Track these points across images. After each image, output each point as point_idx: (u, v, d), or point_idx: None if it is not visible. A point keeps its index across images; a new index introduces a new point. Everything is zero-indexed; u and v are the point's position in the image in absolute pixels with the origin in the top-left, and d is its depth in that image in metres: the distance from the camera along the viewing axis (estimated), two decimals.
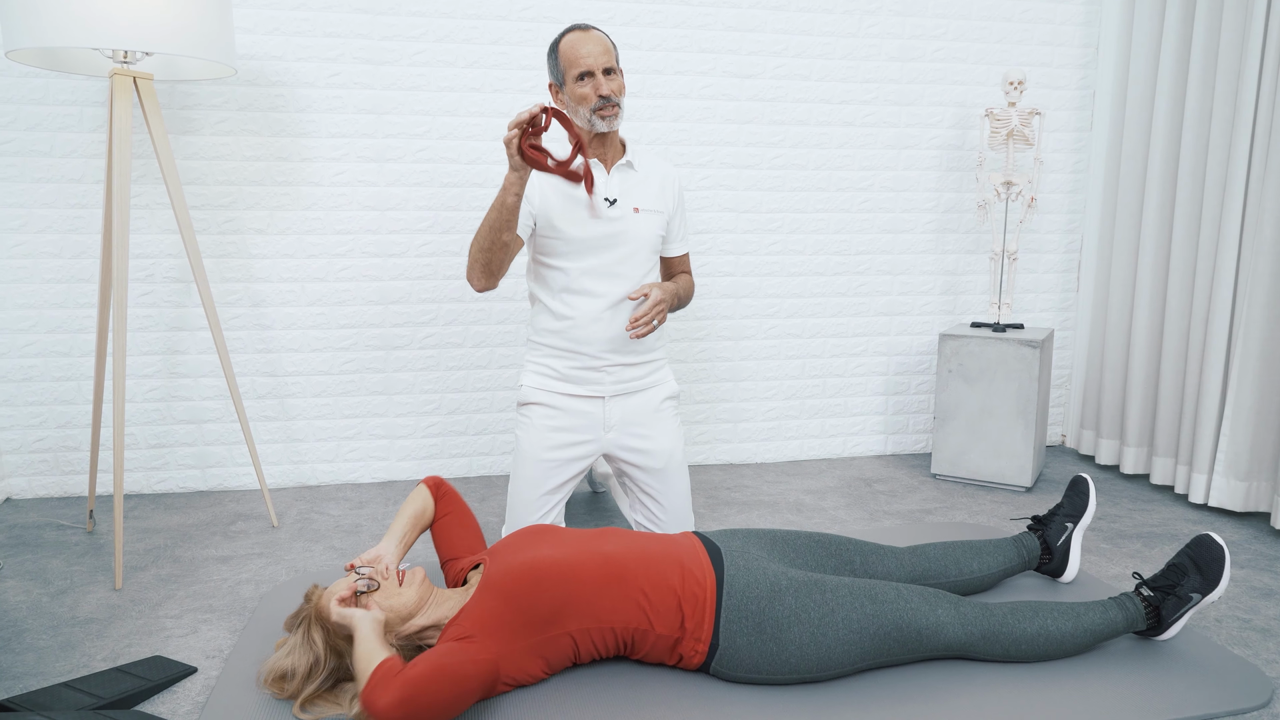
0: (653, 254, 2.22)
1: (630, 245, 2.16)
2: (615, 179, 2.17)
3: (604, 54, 2.07)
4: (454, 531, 1.92)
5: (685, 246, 2.35)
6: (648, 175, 2.22)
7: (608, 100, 2.07)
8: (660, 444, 2.23)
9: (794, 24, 3.07)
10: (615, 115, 2.10)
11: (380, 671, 1.41)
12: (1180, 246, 2.86)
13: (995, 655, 1.72)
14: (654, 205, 2.20)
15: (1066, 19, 3.25)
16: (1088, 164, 3.35)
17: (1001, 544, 2.06)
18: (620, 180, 2.17)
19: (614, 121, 2.10)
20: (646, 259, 2.20)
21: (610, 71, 2.09)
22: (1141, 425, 3.02)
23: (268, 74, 2.75)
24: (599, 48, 2.07)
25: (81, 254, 2.73)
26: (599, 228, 2.13)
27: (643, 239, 2.18)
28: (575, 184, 2.08)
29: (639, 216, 2.17)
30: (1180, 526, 2.61)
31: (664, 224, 2.23)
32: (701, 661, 1.66)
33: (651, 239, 2.20)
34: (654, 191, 2.21)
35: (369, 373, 2.96)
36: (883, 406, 3.37)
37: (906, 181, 3.24)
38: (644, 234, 2.18)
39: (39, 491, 2.82)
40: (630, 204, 2.16)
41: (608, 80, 2.08)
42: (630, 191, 2.17)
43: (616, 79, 2.10)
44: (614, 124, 2.10)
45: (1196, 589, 1.77)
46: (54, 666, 1.77)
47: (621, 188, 2.17)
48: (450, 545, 1.90)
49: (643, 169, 2.22)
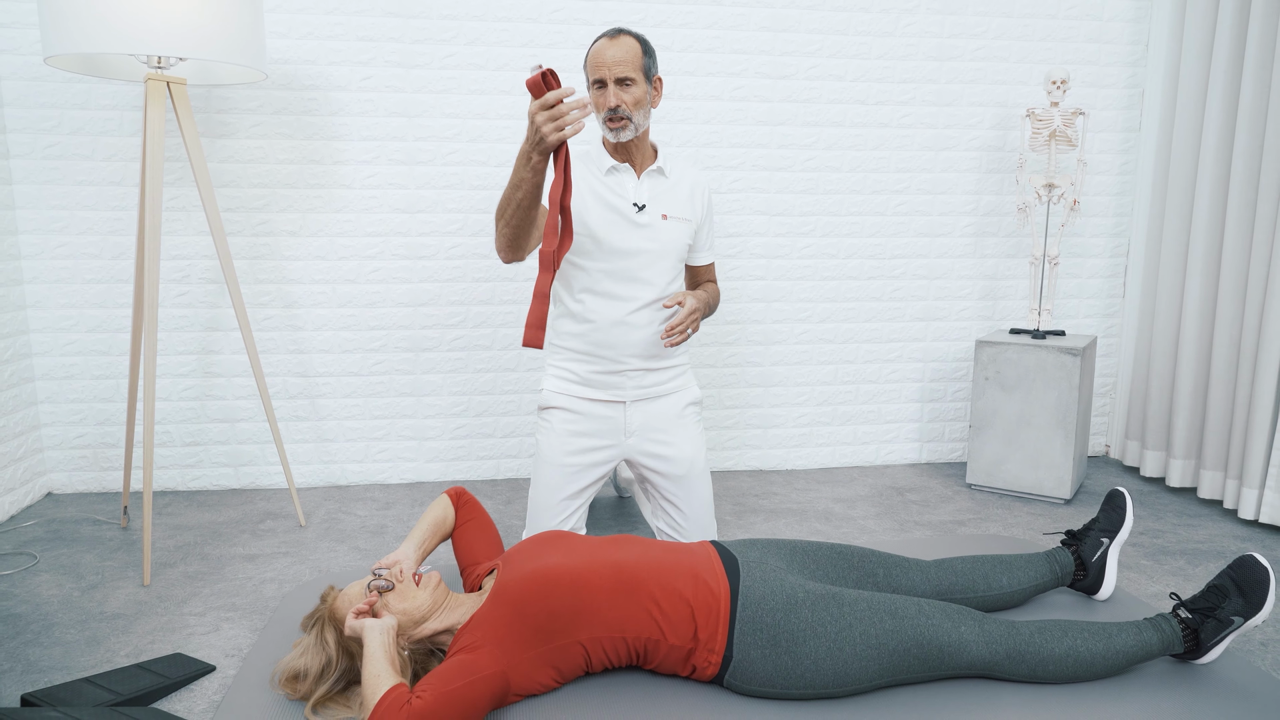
0: (678, 261, 2.19)
1: (655, 251, 2.14)
2: (645, 184, 2.15)
3: (619, 64, 2.02)
4: (473, 538, 1.91)
5: (712, 256, 2.33)
6: (678, 182, 2.19)
7: (614, 112, 2.03)
8: (682, 451, 2.20)
9: (829, 23, 3.01)
10: (623, 128, 2.06)
11: (386, 702, 1.39)
12: (1232, 252, 2.75)
13: (1021, 676, 1.66)
14: (682, 213, 2.18)
15: (1114, 15, 3.14)
16: (1135, 165, 3.23)
17: (1034, 559, 1.99)
18: (650, 186, 2.15)
19: (621, 134, 2.07)
20: (671, 266, 2.17)
21: (626, 82, 2.04)
22: (1189, 437, 2.91)
23: (301, 78, 2.79)
24: (617, 56, 2.03)
25: (121, 255, 2.79)
26: (625, 231, 2.11)
27: (668, 246, 2.15)
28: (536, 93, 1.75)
29: (666, 223, 2.15)
30: (1228, 543, 2.50)
31: (691, 232, 2.20)
32: (715, 673, 1.63)
33: (677, 246, 2.17)
34: (683, 199, 2.19)
35: (398, 374, 2.98)
36: (918, 414, 3.29)
37: (944, 184, 3.17)
38: (670, 241, 2.15)
39: (78, 487, 2.89)
40: (659, 210, 2.14)
41: (619, 90, 2.03)
42: (660, 198, 2.15)
43: (633, 90, 2.04)
44: (621, 136, 2.07)
45: (1238, 612, 1.68)
46: (79, 661, 1.80)
47: (651, 193, 2.15)
48: (469, 552, 1.90)
49: (674, 175, 2.19)
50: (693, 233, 2.21)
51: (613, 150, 2.15)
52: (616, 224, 2.11)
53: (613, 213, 2.11)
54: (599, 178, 2.14)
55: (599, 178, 2.14)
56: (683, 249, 2.19)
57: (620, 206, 2.12)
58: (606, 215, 2.11)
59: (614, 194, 2.13)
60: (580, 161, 2.15)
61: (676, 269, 2.20)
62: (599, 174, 2.15)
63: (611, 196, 2.12)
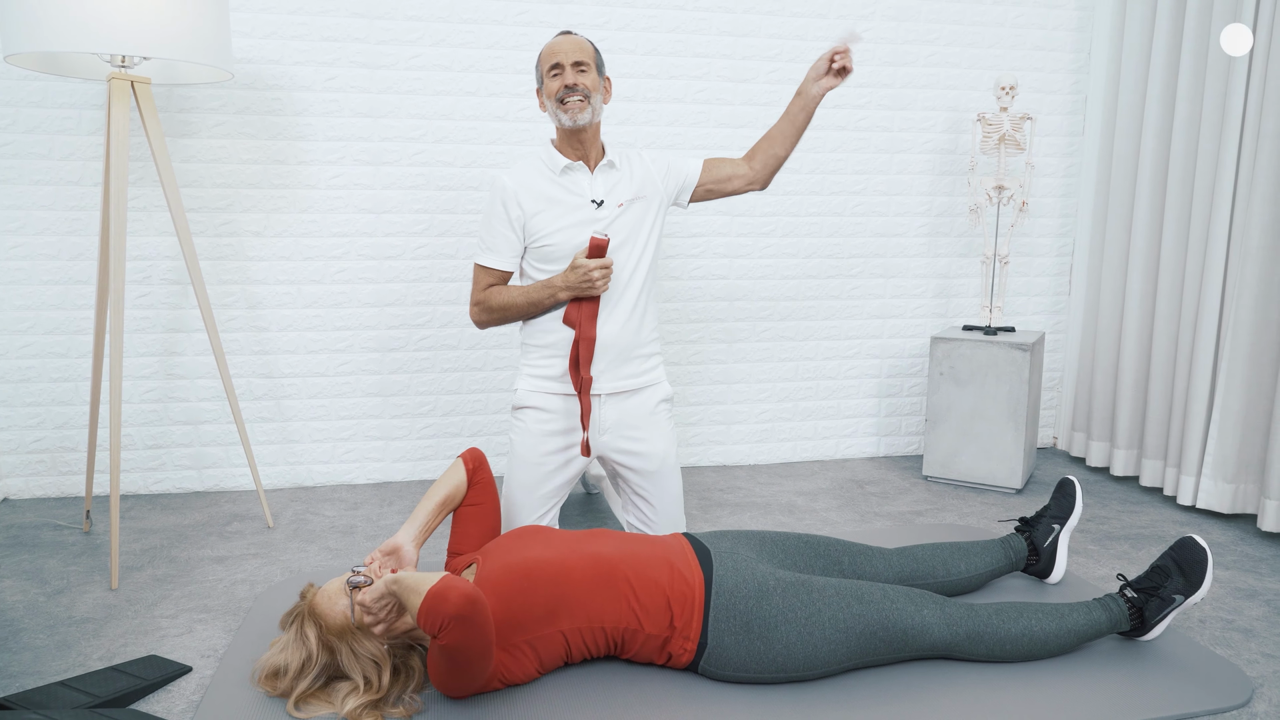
0: (645, 241, 2.22)
1: (617, 238, 2.19)
2: (599, 180, 2.20)
3: (576, 50, 2.12)
4: (474, 527, 1.91)
5: (697, 161, 2.34)
6: (629, 171, 2.25)
7: (571, 89, 2.09)
8: (654, 446, 2.24)
9: (788, 29, 3.09)
10: (582, 108, 2.10)
11: (448, 578, 1.45)
12: (1170, 251, 2.89)
13: (980, 655, 1.74)
14: (641, 191, 2.22)
15: (1059, 24, 3.27)
16: (1079, 169, 3.37)
17: (989, 545, 2.08)
18: (604, 180, 2.21)
19: (579, 115, 2.10)
20: (637, 249, 2.20)
21: (581, 66, 2.11)
22: (1131, 428, 3.05)
23: (265, 78, 2.77)
24: (572, 45, 2.12)
25: (79, 256, 2.75)
26: (587, 229, 2.15)
27: (630, 229, 2.20)
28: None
29: (623, 210, 2.20)
30: (1168, 528, 2.63)
31: (653, 205, 2.23)
32: (690, 660, 1.68)
33: (639, 227, 2.21)
34: (637, 182, 2.24)
35: (365, 374, 2.98)
36: (875, 409, 3.39)
37: (899, 185, 3.27)
38: (634, 227, 2.20)
39: (35, 492, 2.84)
40: (615, 201, 2.20)
41: (575, 72, 2.10)
42: (614, 189, 2.21)
43: (589, 74, 2.12)
44: (579, 118, 2.10)
45: (1179, 591, 1.79)
46: (50, 666, 1.79)
47: (605, 187, 2.20)
48: (464, 539, 1.90)
49: (623, 166, 2.25)
50: (655, 202, 2.24)
51: (566, 148, 2.19)
52: (578, 224, 2.15)
53: (574, 212, 2.15)
54: (554, 179, 2.18)
55: (554, 179, 2.18)
56: (646, 228, 2.22)
57: (578, 205, 2.16)
58: (568, 216, 2.15)
59: (571, 194, 2.17)
60: (530, 170, 2.19)
61: (643, 249, 2.22)
62: (554, 175, 2.18)
63: (568, 197, 2.16)
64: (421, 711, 1.59)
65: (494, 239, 2.19)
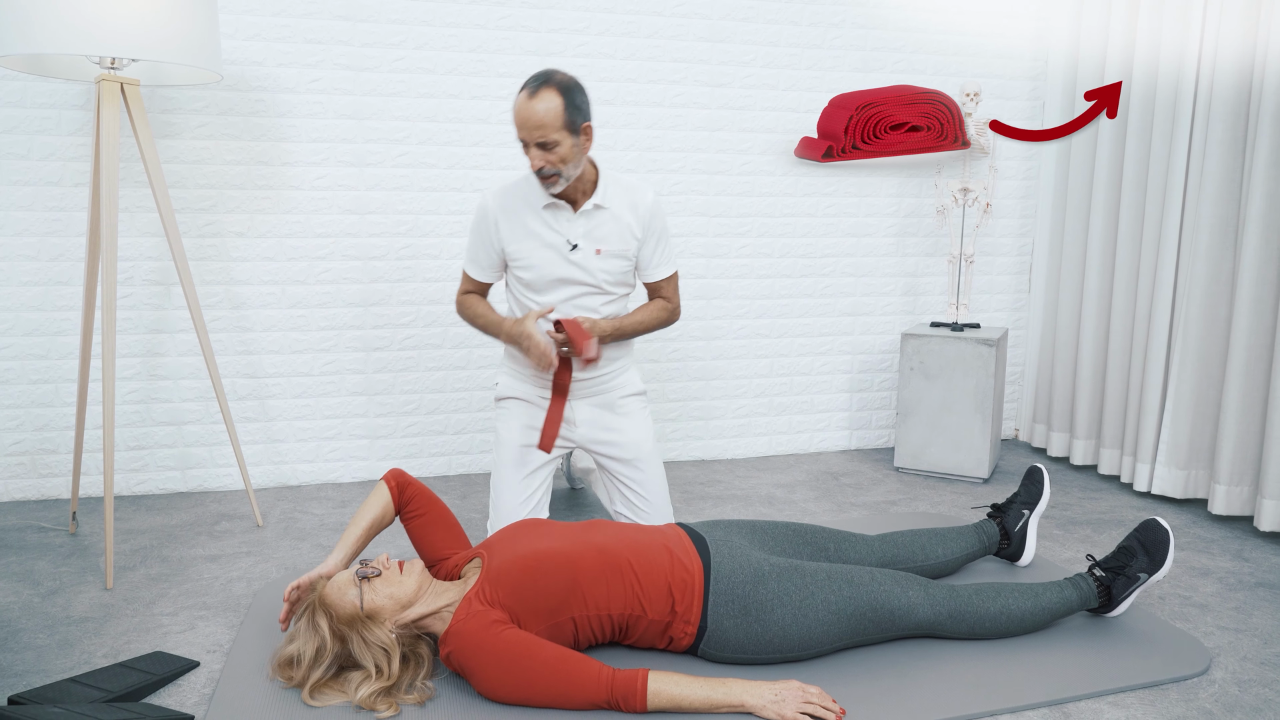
0: (615, 288, 2.24)
1: (588, 285, 2.19)
2: (581, 222, 2.18)
3: (539, 129, 2.00)
4: (437, 533, 1.93)
5: (664, 271, 2.30)
6: (617, 213, 2.20)
7: (540, 173, 2.06)
8: (628, 435, 2.30)
9: (762, 35, 3.18)
10: (553, 183, 2.08)
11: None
12: (1124, 251, 3.04)
13: (961, 633, 1.85)
14: (617, 247, 2.20)
15: (1018, 33, 3.42)
16: (1038, 171, 3.52)
17: (964, 531, 2.20)
18: (586, 222, 2.18)
19: (552, 188, 2.10)
20: (606, 296, 2.23)
21: (547, 145, 2.02)
22: (1090, 419, 3.20)
23: (249, 79, 2.79)
24: (537, 119, 2.00)
25: (59, 257, 2.74)
26: (559, 269, 2.17)
27: (600, 279, 2.20)
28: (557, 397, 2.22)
29: (600, 259, 2.19)
30: (1126, 513, 2.78)
31: (628, 260, 2.23)
32: (690, 643, 1.76)
33: (611, 278, 2.21)
34: (620, 230, 2.20)
35: (349, 374, 3.01)
36: (847, 403, 3.51)
37: (869, 187, 3.38)
38: (602, 275, 2.20)
39: (15, 495, 2.81)
40: (593, 246, 2.18)
41: (541, 153, 2.03)
42: (595, 231, 2.18)
43: (558, 150, 2.03)
44: (552, 190, 2.10)
45: (1144, 569, 1.91)
46: (55, 664, 1.80)
47: (587, 228, 2.18)
48: (435, 547, 1.92)
49: (613, 205, 2.19)
50: (630, 259, 2.23)
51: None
52: (553, 261, 2.17)
53: (550, 250, 2.17)
54: (537, 213, 2.17)
55: (537, 213, 2.17)
56: (618, 278, 2.23)
57: (556, 244, 2.17)
58: (544, 253, 2.17)
59: (551, 230, 2.17)
60: (515, 195, 2.20)
61: (613, 295, 2.25)
62: (537, 209, 2.17)
63: (548, 234, 2.17)
64: (434, 698, 1.64)
65: (475, 253, 2.26)
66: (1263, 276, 2.55)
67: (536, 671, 1.57)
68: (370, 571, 1.69)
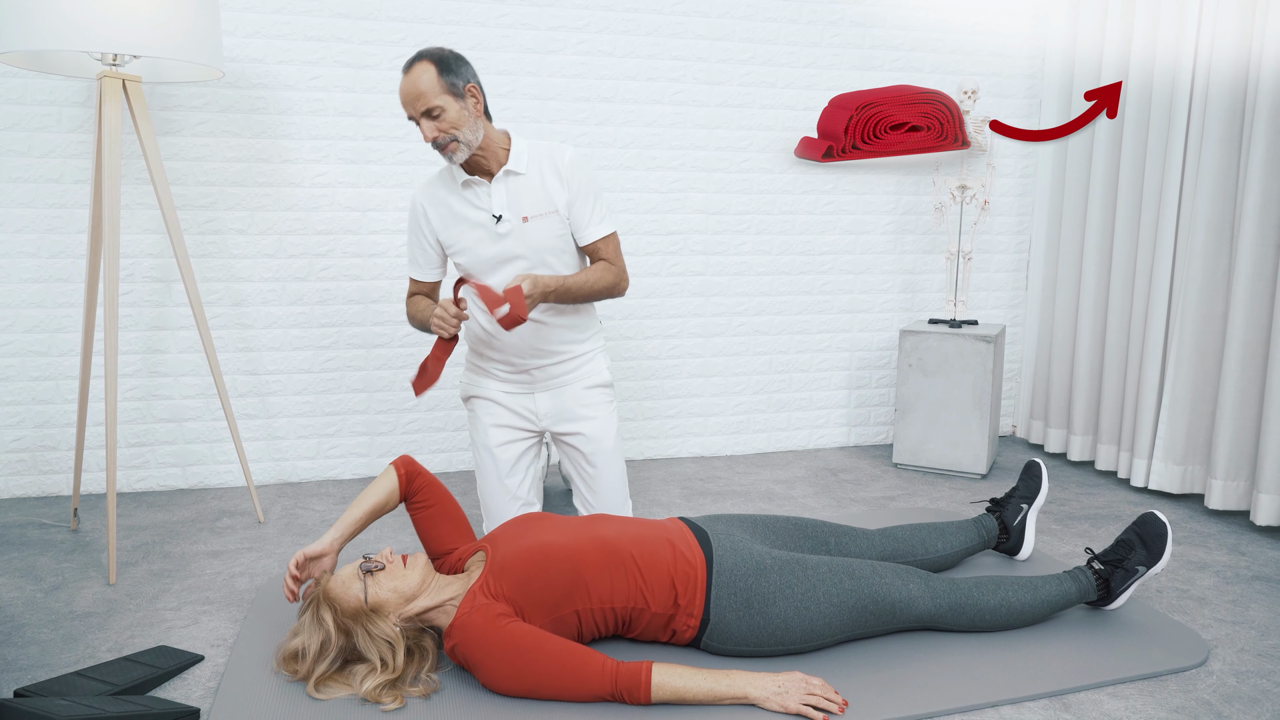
0: (561, 254, 2.18)
1: (526, 257, 2.14)
2: (499, 191, 2.12)
3: (419, 98, 1.99)
4: (443, 526, 1.93)
5: (600, 230, 2.19)
6: (537, 175, 2.14)
7: (435, 143, 2.03)
8: (589, 432, 2.30)
9: (761, 33, 3.20)
10: (454, 151, 2.05)
11: None
12: (1121, 248, 3.06)
13: (962, 626, 1.86)
14: (543, 208, 2.13)
15: (1015, 31, 3.44)
16: (1035, 169, 3.54)
17: (963, 525, 2.21)
18: (505, 190, 2.13)
19: (455, 157, 2.06)
20: (549, 266, 2.17)
21: (432, 112, 2.00)
22: (1086, 415, 3.22)
23: (249, 76, 2.79)
24: (415, 90, 1.99)
25: (60, 254, 2.74)
26: (491, 246, 2.14)
27: (537, 247, 2.14)
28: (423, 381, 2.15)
29: (529, 225, 2.13)
30: (1123, 508, 2.80)
31: (561, 221, 2.16)
32: (693, 637, 1.77)
33: (549, 244, 2.15)
34: (541, 192, 2.14)
35: (349, 370, 3.01)
36: (846, 400, 3.52)
37: (867, 185, 3.40)
38: (538, 242, 2.14)
39: (15, 491, 2.81)
40: (519, 214, 2.12)
41: (430, 123, 2.01)
42: (518, 199, 2.12)
43: (445, 116, 2.00)
44: (456, 159, 2.07)
45: (1142, 562, 1.93)
46: (60, 658, 1.81)
47: (508, 198, 2.12)
48: (441, 540, 1.93)
49: (530, 169, 2.13)
50: (563, 220, 2.16)
51: (465, 164, 2.13)
52: (482, 240, 2.14)
53: (477, 229, 2.14)
54: (457, 194, 2.15)
55: (457, 194, 2.15)
56: (558, 242, 2.16)
57: (482, 220, 2.13)
58: (473, 233, 2.14)
59: (473, 208, 2.14)
60: (438, 184, 2.19)
61: (563, 262, 2.19)
62: (457, 190, 2.15)
63: (471, 212, 2.14)
64: (439, 690, 1.65)
65: (413, 252, 2.28)
66: (1258, 273, 2.56)
67: (541, 664, 1.58)
68: (374, 565, 1.70)
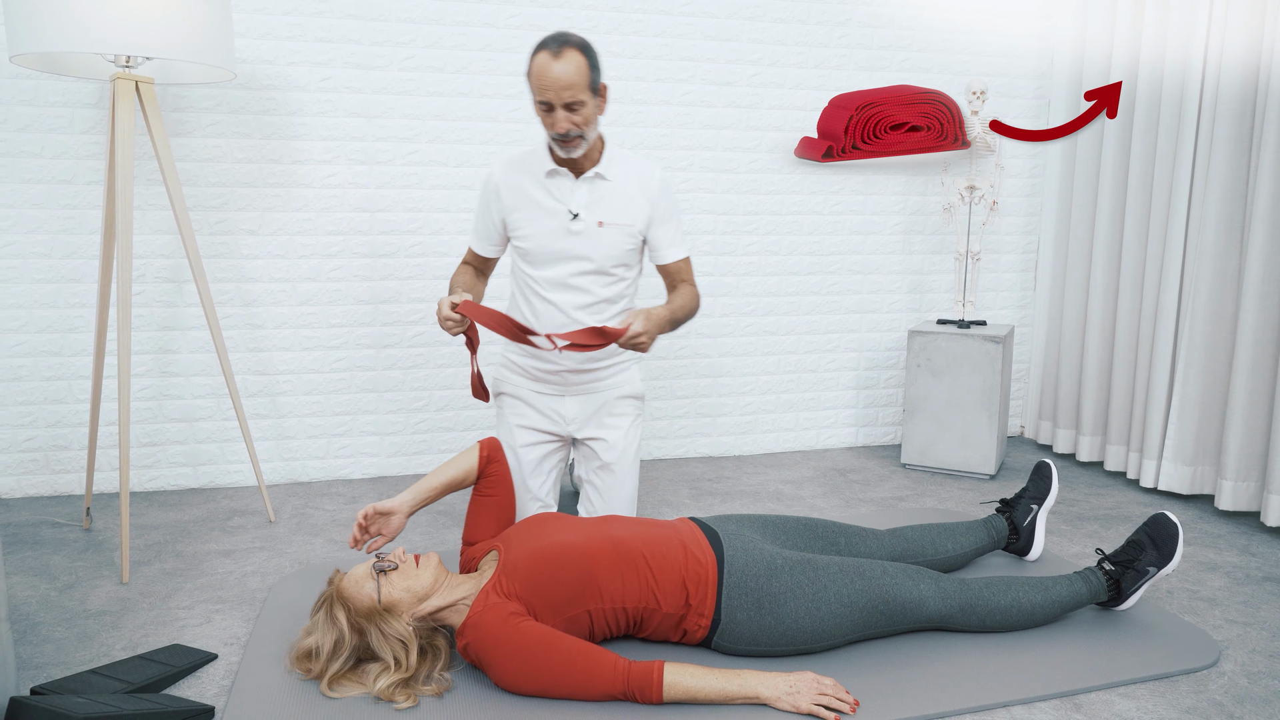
0: (619, 268, 2.19)
1: (590, 260, 2.14)
2: (583, 190, 2.13)
3: (567, 88, 1.96)
4: (486, 518, 1.96)
5: (679, 252, 2.26)
6: (622, 185, 2.15)
7: (565, 135, 2.03)
8: (613, 437, 2.29)
9: (769, 34, 3.20)
10: (575, 146, 2.05)
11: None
12: (1130, 248, 3.05)
13: (972, 626, 1.86)
14: (622, 218, 2.15)
15: (1024, 32, 3.43)
16: (1044, 169, 3.53)
17: (973, 525, 2.21)
18: (589, 191, 2.14)
19: (573, 150, 2.07)
20: (607, 278, 2.18)
21: (574, 106, 1.99)
22: (1096, 415, 3.22)
23: (260, 78, 2.80)
24: (564, 79, 1.96)
25: (72, 254, 2.75)
26: (560, 240, 2.14)
27: (604, 254, 2.15)
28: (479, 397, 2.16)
29: (603, 231, 2.13)
30: (1133, 509, 2.80)
31: (634, 235, 2.18)
32: (704, 636, 1.77)
33: (616, 253, 2.16)
34: (625, 202, 2.15)
35: (360, 371, 3.02)
36: (854, 400, 3.52)
37: (875, 185, 3.40)
38: (606, 249, 2.14)
39: (28, 490, 2.83)
40: (595, 217, 2.13)
41: (567, 114, 2.00)
42: (599, 203, 2.13)
43: (583, 110, 2.00)
44: (574, 153, 2.07)
45: (1153, 563, 1.93)
46: (74, 656, 1.82)
47: (589, 199, 2.13)
48: (478, 528, 1.96)
49: (617, 177, 2.15)
50: (636, 235, 2.18)
51: (554, 153, 2.13)
52: (554, 231, 2.13)
53: (550, 218, 2.13)
54: (539, 181, 2.15)
55: (539, 181, 2.15)
56: (624, 255, 2.18)
57: (557, 212, 2.13)
58: (545, 222, 2.14)
59: (553, 199, 2.14)
60: (520, 166, 2.20)
61: (618, 275, 2.19)
62: (540, 177, 2.15)
63: (550, 201, 2.14)
64: (452, 689, 1.66)
65: (477, 223, 2.29)
66: (1269, 273, 2.56)
67: (553, 663, 1.59)
68: (387, 565, 1.71)
